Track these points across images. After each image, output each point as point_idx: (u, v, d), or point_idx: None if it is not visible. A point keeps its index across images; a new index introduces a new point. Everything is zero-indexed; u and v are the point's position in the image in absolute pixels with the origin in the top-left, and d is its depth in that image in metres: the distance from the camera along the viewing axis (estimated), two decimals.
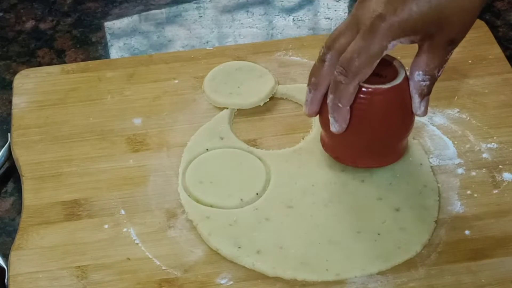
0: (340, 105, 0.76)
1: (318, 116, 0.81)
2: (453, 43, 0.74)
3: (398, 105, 0.78)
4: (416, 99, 0.77)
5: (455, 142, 0.88)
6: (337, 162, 0.83)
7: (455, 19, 0.72)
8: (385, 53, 0.73)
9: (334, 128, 0.78)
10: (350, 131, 0.78)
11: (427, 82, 0.75)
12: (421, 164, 0.85)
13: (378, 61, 0.74)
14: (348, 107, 0.76)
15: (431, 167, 0.85)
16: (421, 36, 0.73)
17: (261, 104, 0.91)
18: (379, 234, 0.78)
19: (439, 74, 0.76)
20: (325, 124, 0.80)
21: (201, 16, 1.07)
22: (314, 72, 0.78)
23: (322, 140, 0.84)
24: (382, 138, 0.80)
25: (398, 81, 0.77)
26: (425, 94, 0.76)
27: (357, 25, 0.74)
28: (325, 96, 0.78)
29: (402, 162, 0.85)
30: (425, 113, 0.77)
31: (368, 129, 0.78)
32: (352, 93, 0.75)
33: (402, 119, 0.79)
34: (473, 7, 0.72)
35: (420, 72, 0.75)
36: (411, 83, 0.76)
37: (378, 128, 0.78)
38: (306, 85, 0.93)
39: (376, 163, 0.82)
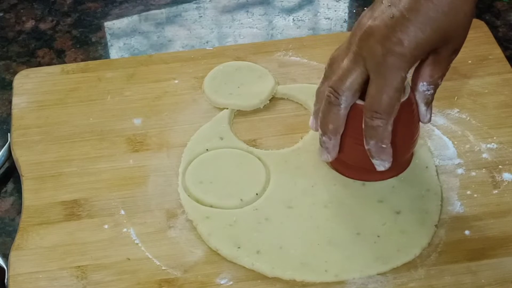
0: (384, 146, 0.76)
1: None
2: (456, 52, 0.75)
3: (406, 119, 0.78)
4: (422, 108, 0.77)
5: (455, 142, 0.88)
6: None
7: (456, 32, 0.73)
8: (405, 82, 0.74)
9: (383, 167, 0.78)
10: (362, 152, 0.78)
11: (432, 91, 0.77)
12: (426, 167, 0.84)
13: (402, 93, 0.74)
14: (390, 146, 0.76)
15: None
16: (427, 53, 0.74)
17: (261, 106, 0.91)
18: (378, 236, 0.78)
19: (441, 82, 0.76)
20: (346, 155, 0.80)
21: (201, 16, 1.07)
22: (330, 118, 0.77)
23: (336, 167, 0.84)
24: (397, 151, 0.79)
25: (404, 97, 0.77)
26: (430, 102, 0.77)
27: (364, 63, 0.74)
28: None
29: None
30: (430, 120, 0.79)
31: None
32: (391, 131, 0.75)
33: (411, 131, 0.79)
34: (469, 17, 0.73)
35: (425, 83, 0.76)
36: (416, 94, 0.77)
37: (395, 143, 0.78)
38: (306, 83, 0.93)
39: (387, 175, 0.82)
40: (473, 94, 0.92)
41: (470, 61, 0.96)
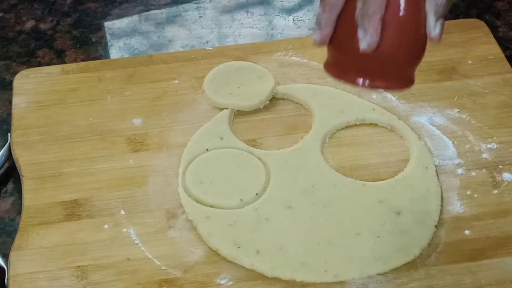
0: (370, 11, 0.69)
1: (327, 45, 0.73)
2: None
3: (407, 16, 0.71)
4: (431, 18, 0.70)
5: (455, 142, 0.88)
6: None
7: None
8: None
9: (365, 42, 0.70)
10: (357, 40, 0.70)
11: (443, 1, 0.70)
12: (426, 167, 0.84)
13: None
14: (379, 17, 0.69)
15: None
16: None
17: (261, 107, 0.91)
18: (378, 236, 0.78)
19: None
20: (340, 41, 0.72)
21: (201, 16, 1.07)
22: None
23: (329, 64, 0.75)
24: (395, 49, 0.72)
25: None
26: (440, 15, 0.71)
27: None
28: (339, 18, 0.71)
29: (408, 164, 0.85)
30: (439, 37, 0.71)
31: (384, 36, 0.70)
32: None
33: (416, 35, 0.72)
34: None
35: None
36: (426, 2, 0.70)
37: (393, 35, 0.71)
38: (306, 83, 0.93)
39: (386, 83, 0.73)
40: (473, 94, 0.92)
41: (470, 61, 0.96)
